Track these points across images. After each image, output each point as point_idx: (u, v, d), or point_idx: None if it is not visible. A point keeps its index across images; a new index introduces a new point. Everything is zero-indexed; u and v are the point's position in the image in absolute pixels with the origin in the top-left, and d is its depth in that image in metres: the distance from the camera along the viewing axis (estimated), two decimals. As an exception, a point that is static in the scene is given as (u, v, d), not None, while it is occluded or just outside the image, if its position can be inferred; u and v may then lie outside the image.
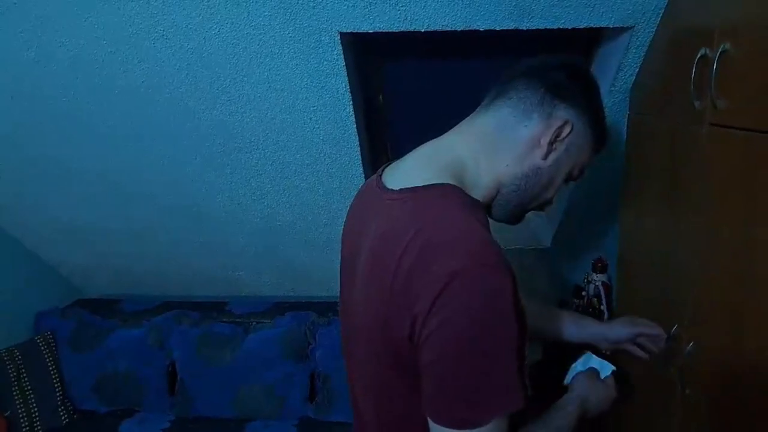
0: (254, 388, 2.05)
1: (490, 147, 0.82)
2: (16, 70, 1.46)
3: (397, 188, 0.78)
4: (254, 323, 2.18)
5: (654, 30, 1.25)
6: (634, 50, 1.31)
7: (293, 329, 2.10)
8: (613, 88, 1.42)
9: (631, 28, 1.26)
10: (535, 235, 2.11)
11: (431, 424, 0.68)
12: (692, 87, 0.97)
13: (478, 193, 0.81)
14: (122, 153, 1.75)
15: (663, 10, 1.20)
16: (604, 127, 0.88)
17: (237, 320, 2.20)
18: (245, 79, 1.46)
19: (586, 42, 1.54)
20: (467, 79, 1.84)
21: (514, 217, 0.89)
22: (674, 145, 1.11)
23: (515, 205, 0.85)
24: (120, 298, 2.42)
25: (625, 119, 1.44)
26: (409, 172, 0.82)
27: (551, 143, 0.81)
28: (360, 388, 0.89)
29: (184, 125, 1.63)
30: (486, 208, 0.83)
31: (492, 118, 0.83)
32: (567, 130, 0.81)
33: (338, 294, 0.95)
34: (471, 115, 0.88)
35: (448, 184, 0.77)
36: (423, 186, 0.76)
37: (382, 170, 0.89)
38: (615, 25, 1.26)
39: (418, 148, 0.87)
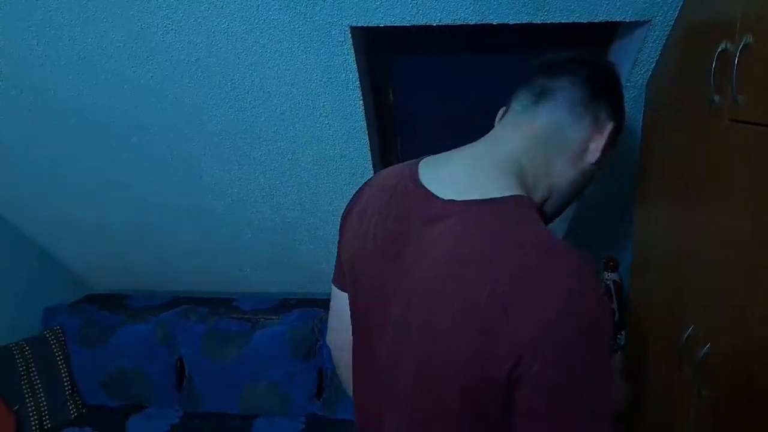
0: (261, 385, 2.05)
1: (544, 150, 0.79)
2: (24, 65, 1.46)
3: (459, 198, 0.71)
4: (261, 320, 2.18)
5: (671, 24, 1.23)
6: (650, 45, 1.28)
7: (300, 326, 2.09)
8: (628, 84, 1.39)
9: (648, 21, 1.24)
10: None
11: None
12: (712, 82, 0.95)
13: (536, 197, 0.78)
14: (130, 149, 1.75)
15: (681, 3, 1.18)
16: (625, 115, 0.89)
17: (244, 317, 2.20)
18: (254, 74, 1.45)
19: (600, 36, 1.51)
20: (477, 75, 1.83)
21: (559, 214, 0.87)
22: (692, 141, 1.09)
23: (564, 203, 0.85)
24: (128, 294, 2.42)
25: (641, 115, 1.42)
26: (467, 177, 0.75)
27: (604, 146, 0.80)
28: (387, 400, 0.80)
29: (192, 121, 1.62)
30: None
31: (543, 119, 0.80)
32: (610, 129, 0.81)
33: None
34: (512, 113, 0.84)
35: (523, 195, 0.72)
36: (499, 198, 0.69)
37: (416, 166, 0.81)
38: (631, 19, 1.23)
39: (463, 147, 0.82)
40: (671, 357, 1.12)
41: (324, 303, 2.21)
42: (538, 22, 1.25)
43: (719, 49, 0.93)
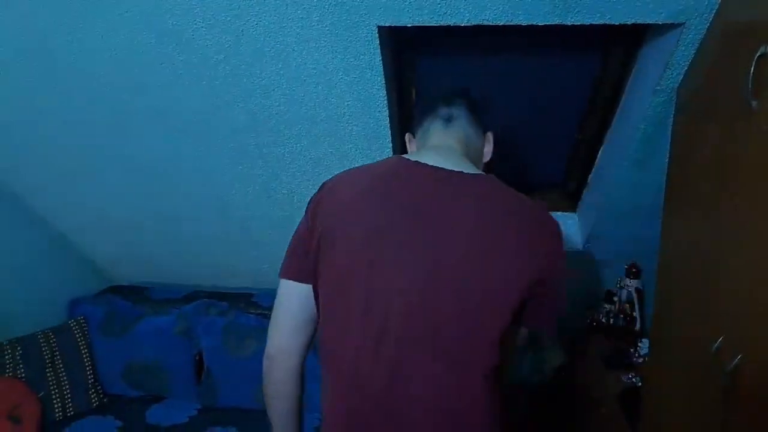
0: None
1: (467, 155, 1.13)
2: (58, 60, 1.49)
3: (459, 170, 1.01)
4: (281, 316, 2.19)
5: (706, 26, 1.20)
6: (683, 48, 1.26)
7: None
8: (658, 88, 1.36)
9: (682, 24, 1.21)
10: (566, 237, 2.06)
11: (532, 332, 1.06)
12: (749, 87, 0.92)
13: None
14: (156, 144, 1.77)
15: (717, 6, 1.15)
16: None
17: (263, 312, 2.21)
18: (281, 71, 1.46)
19: (629, 38, 1.49)
20: (499, 76, 1.81)
21: None
22: (726, 147, 1.06)
23: None
24: (149, 286, 2.46)
25: (670, 120, 1.39)
26: (450, 163, 1.03)
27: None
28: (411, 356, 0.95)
29: (218, 117, 1.63)
30: None
31: (460, 134, 1.16)
32: (492, 137, 1.23)
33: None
34: (435, 132, 1.17)
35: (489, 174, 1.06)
36: (482, 174, 1.05)
37: (399, 158, 1.08)
38: (665, 22, 1.21)
39: (420, 152, 1.15)
40: (698, 368, 1.10)
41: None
42: (568, 23, 1.23)
43: (758, 54, 0.90)
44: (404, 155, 1.08)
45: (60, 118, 1.71)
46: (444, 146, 1.12)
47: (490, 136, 1.22)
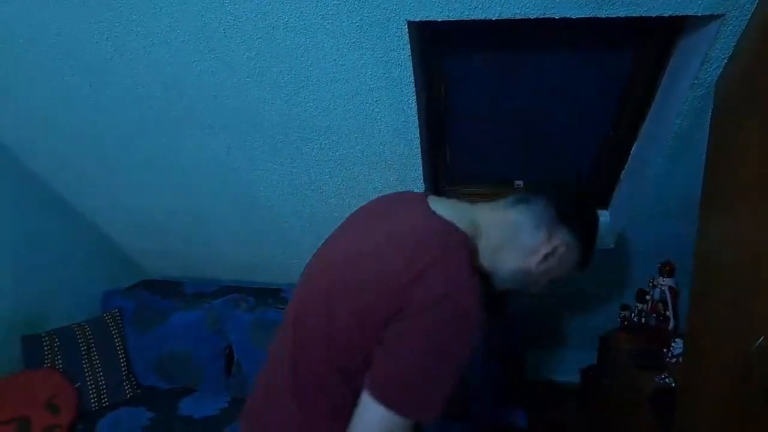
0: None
1: (502, 240, 1.02)
2: (94, 59, 1.53)
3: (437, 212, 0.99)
4: (308, 311, 2.21)
5: (747, 18, 1.16)
6: (722, 40, 1.22)
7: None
8: (695, 82, 1.33)
9: (722, 16, 1.18)
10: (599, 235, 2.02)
11: (365, 393, 0.87)
12: (794, 79, 0.89)
13: (477, 259, 1.00)
14: (188, 141, 1.81)
15: (759, -3, 1.12)
16: (591, 255, 1.10)
17: (291, 307, 2.24)
18: (311, 68, 1.47)
19: (666, 31, 1.45)
20: (530, 74, 1.79)
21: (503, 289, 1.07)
22: (767, 142, 1.03)
23: (505, 286, 1.05)
24: (181, 281, 2.51)
25: (708, 115, 1.35)
26: (446, 210, 1.00)
27: (546, 256, 1.01)
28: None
29: (249, 114, 1.66)
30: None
31: (512, 217, 1.03)
32: (561, 249, 1.02)
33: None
34: (499, 203, 1.07)
35: (461, 230, 0.96)
36: (447, 221, 0.96)
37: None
38: (703, 13, 1.17)
39: (458, 200, 1.08)
40: (737, 368, 1.07)
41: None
42: (603, 16, 1.21)
43: (804, 45, 0.87)
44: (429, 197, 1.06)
45: (95, 117, 1.76)
46: (467, 205, 1.06)
47: (557, 244, 1.01)
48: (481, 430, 1.90)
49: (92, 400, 2.09)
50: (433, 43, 1.60)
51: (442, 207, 1.00)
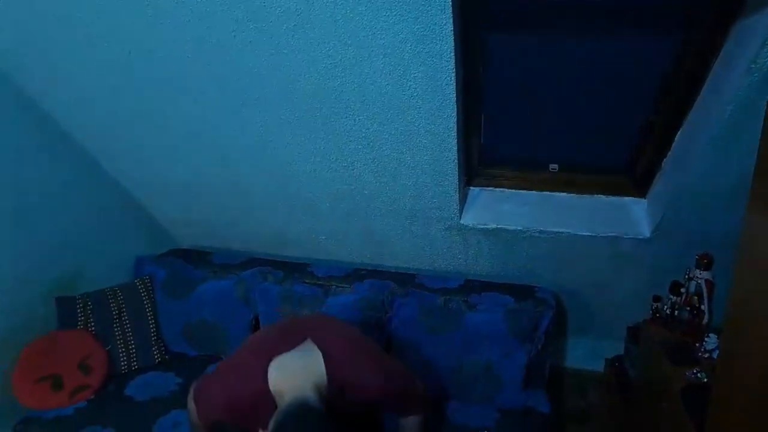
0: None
1: None
2: (134, 28, 1.53)
3: None
4: (334, 287, 2.22)
5: (817, -1, 1.09)
6: (787, 23, 1.15)
7: (371, 297, 2.11)
8: (753, 66, 1.26)
9: (789, -4, 1.11)
10: (634, 224, 1.97)
11: None
12: None
13: None
14: (223, 112, 1.81)
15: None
16: None
17: (318, 282, 2.25)
18: (349, 42, 1.44)
19: (723, 13, 1.38)
20: (571, 54, 1.74)
21: None
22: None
23: None
24: (210, 251, 2.54)
25: (763, 102, 1.28)
26: None
27: None
28: None
29: (284, 88, 1.64)
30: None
31: None
32: None
33: (417, 267, 0.99)
34: None
35: None
36: None
37: None
38: (769, -7, 1.11)
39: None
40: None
41: (395, 276, 2.25)
42: (659, -6, 1.15)
43: None
44: None
45: (134, 86, 1.77)
46: None
47: None
48: (504, 413, 1.90)
49: (122, 363, 2.15)
50: (474, 20, 1.55)
51: None
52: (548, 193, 2.04)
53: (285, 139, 1.87)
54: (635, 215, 2.00)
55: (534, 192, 2.04)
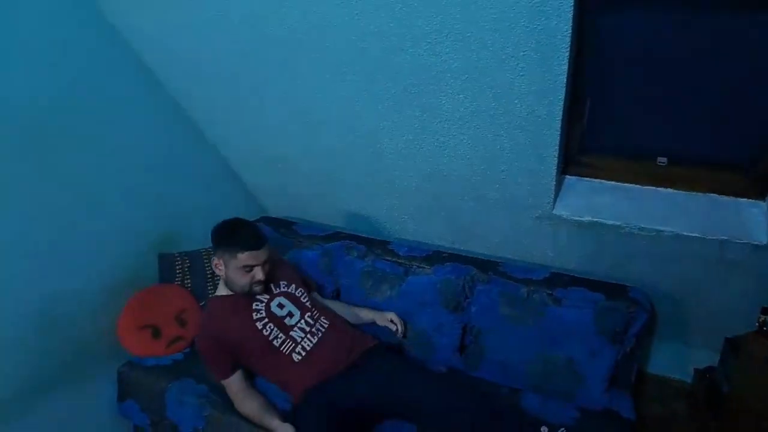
0: (408, 328, 2.11)
1: None
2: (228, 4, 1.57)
3: None
4: (414, 266, 2.22)
5: None
6: None
7: (452, 280, 2.09)
8: None
9: None
10: (749, 228, 1.80)
11: None
12: None
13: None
14: (321, 84, 1.83)
15: None
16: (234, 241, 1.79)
17: (399, 260, 2.26)
18: (457, 16, 1.41)
19: None
20: (689, 38, 1.60)
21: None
22: None
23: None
24: (296, 222, 2.62)
25: None
26: None
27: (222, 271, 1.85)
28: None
29: (385, 61, 1.64)
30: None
31: None
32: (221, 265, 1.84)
33: (500, 255, 0.92)
34: None
35: None
36: None
37: None
38: None
39: None
40: None
41: (476, 262, 2.21)
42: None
43: None
44: None
45: (239, 51, 1.83)
46: None
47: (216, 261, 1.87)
48: (584, 412, 1.83)
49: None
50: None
51: None
52: (653, 187, 1.91)
53: (377, 115, 1.87)
54: (751, 218, 1.82)
55: (637, 186, 1.92)
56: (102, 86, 1.88)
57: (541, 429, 1.66)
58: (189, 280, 2.24)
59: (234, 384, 1.78)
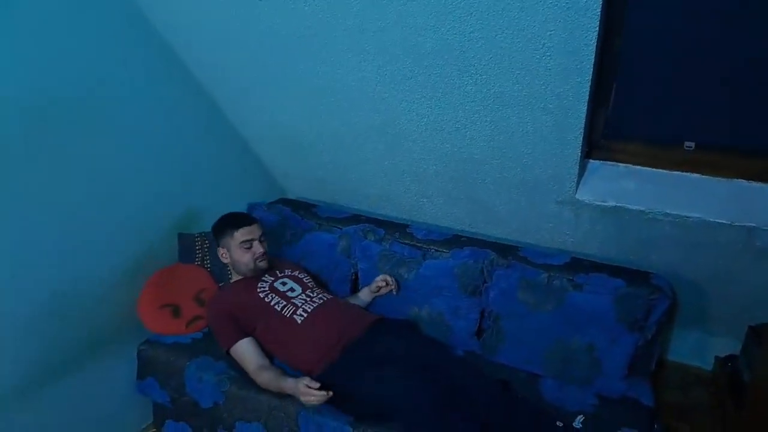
0: (424, 311, 2.11)
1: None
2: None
3: None
4: (433, 250, 2.21)
5: None
6: None
7: (470, 264, 2.08)
8: None
9: None
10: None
11: None
12: None
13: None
14: (344, 64, 1.81)
15: None
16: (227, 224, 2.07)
17: (417, 244, 2.25)
18: (482, -5, 1.37)
19: None
20: (722, 17, 1.54)
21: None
22: None
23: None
24: (315, 204, 2.62)
25: None
26: None
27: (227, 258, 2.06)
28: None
29: (408, 41, 1.61)
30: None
31: None
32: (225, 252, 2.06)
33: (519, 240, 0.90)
34: None
35: None
36: None
37: None
38: None
39: None
40: None
41: (495, 246, 2.19)
42: None
43: None
44: None
45: (256, 32, 1.82)
46: None
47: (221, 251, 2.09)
48: (603, 399, 1.82)
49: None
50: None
51: None
52: (679, 173, 1.86)
53: (399, 96, 1.85)
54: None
55: (663, 171, 1.88)
56: (123, 67, 1.88)
57: (557, 424, 1.65)
58: (208, 261, 2.26)
59: (243, 350, 1.87)
